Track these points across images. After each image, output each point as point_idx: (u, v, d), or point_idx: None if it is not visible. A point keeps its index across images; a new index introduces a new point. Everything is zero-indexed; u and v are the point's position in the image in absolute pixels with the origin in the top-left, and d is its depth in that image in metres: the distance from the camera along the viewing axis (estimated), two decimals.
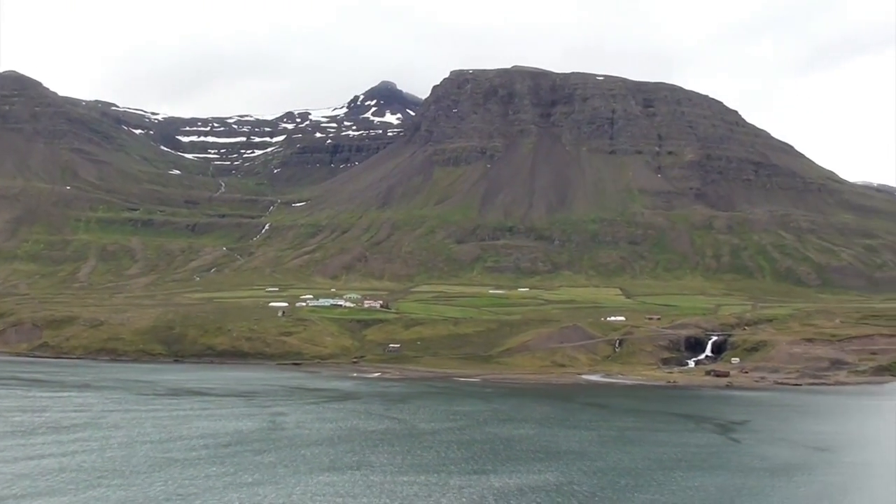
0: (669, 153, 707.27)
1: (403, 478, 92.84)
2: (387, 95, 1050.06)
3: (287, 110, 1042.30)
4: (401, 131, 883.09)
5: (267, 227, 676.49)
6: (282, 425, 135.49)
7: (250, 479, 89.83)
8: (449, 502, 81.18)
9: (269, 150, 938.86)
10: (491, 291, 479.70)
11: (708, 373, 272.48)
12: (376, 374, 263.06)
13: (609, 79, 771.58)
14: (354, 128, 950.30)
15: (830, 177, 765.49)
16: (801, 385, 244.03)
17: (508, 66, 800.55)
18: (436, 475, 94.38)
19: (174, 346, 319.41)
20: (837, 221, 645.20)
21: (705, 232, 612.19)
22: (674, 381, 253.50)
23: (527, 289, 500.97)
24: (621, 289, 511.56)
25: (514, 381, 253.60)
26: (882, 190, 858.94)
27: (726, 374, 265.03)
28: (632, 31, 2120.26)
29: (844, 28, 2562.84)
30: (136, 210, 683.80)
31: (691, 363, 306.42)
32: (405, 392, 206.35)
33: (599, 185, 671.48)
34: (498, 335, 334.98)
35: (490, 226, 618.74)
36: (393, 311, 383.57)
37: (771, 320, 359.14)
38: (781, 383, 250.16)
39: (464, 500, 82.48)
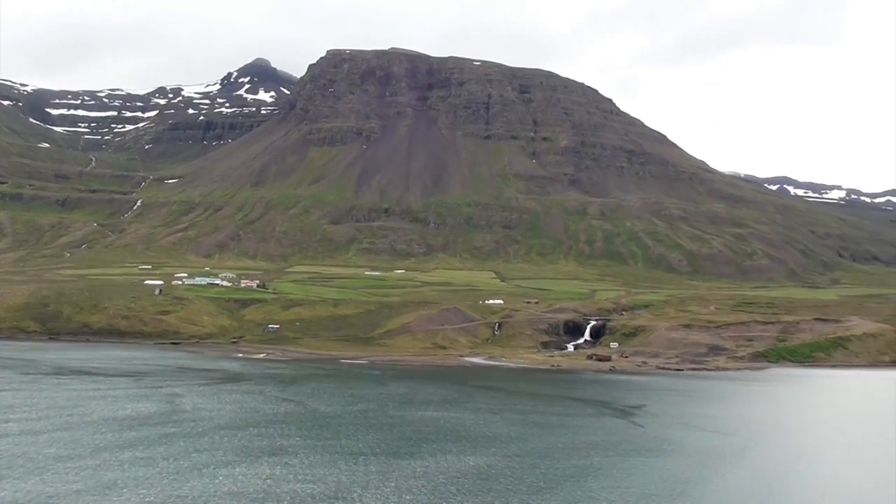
0: (544, 139, 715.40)
1: (325, 463, 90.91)
2: (261, 73, 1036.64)
3: (159, 85, 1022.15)
4: (275, 109, 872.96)
5: (139, 203, 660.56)
6: (182, 408, 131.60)
7: (171, 468, 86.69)
8: (378, 488, 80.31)
9: (141, 125, 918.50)
10: (367, 273, 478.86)
11: (590, 357, 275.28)
12: (262, 355, 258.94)
13: (486, 64, 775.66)
14: (228, 105, 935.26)
15: (701, 166, 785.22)
16: (683, 370, 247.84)
17: (386, 47, 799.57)
18: (356, 460, 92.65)
19: (49, 323, 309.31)
20: (708, 210, 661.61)
21: (579, 217, 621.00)
22: (557, 365, 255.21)
23: (402, 271, 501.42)
24: (496, 272, 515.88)
25: (401, 362, 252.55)
26: (749, 180, 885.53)
27: (608, 359, 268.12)
28: (509, 17, 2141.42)
29: (712, 21, 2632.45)
30: (4, 184, 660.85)
31: (570, 347, 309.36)
32: (296, 374, 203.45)
33: (475, 169, 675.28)
34: (378, 317, 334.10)
35: (366, 207, 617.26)
36: (270, 291, 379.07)
37: (647, 306, 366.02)
38: (664, 368, 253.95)
39: (392, 484, 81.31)
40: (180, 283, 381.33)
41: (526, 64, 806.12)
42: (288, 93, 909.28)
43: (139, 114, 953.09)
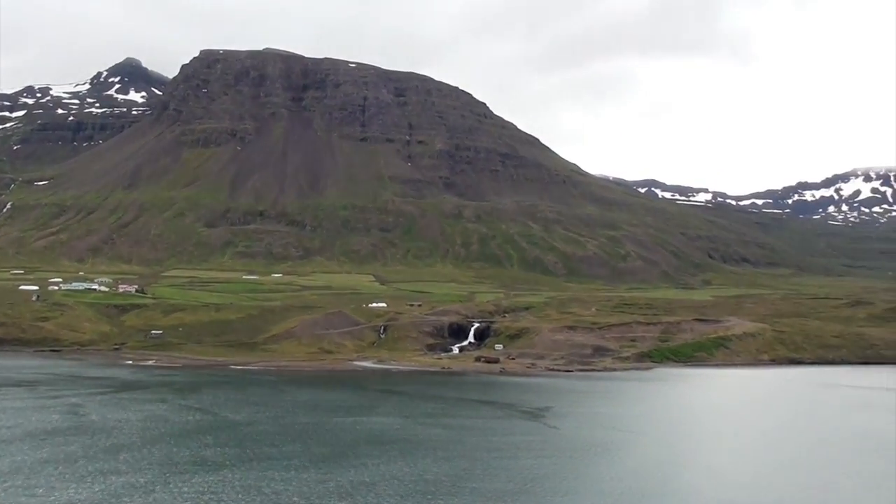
0: (420, 142, 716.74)
1: (259, 473, 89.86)
2: (132, 73, 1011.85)
3: (27, 84, 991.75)
4: (147, 110, 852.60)
5: (8, 206, 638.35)
6: (89, 419, 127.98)
7: (105, 487, 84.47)
8: (323, 497, 79.88)
9: (9, 125, 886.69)
10: (244, 277, 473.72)
11: (478, 359, 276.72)
12: (151, 362, 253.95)
13: (361, 66, 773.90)
14: (98, 105, 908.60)
15: (574, 170, 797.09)
16: (572, 371, 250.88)
17: (260, 47, 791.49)
18: (290, 469, 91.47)
19: None
20: (582, 213, 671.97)
21: (455, 220, 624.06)
22: (448, 368, 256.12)
23: (280, 274, 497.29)
24: (374, 275, 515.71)
25: (292, 368, 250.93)
26: (620, 184, 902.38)
27: (497, 361, 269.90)
28: (384, 19, 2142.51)
29: (585, 29, 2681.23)
30: None
31: (455, 349, 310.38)
32: (192, 381, 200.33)
33: (351, 172, 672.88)
34: (261, 321, 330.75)
35: (241, 210, 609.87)
36: (150, 296, 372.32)
37: (529, 308, 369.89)
38: (553, 369, 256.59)
39: (331, 492, 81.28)
40: (57, 288, 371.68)
41: (401, 67, 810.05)
42: (160, 93, 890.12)
43: (7, 113, 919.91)
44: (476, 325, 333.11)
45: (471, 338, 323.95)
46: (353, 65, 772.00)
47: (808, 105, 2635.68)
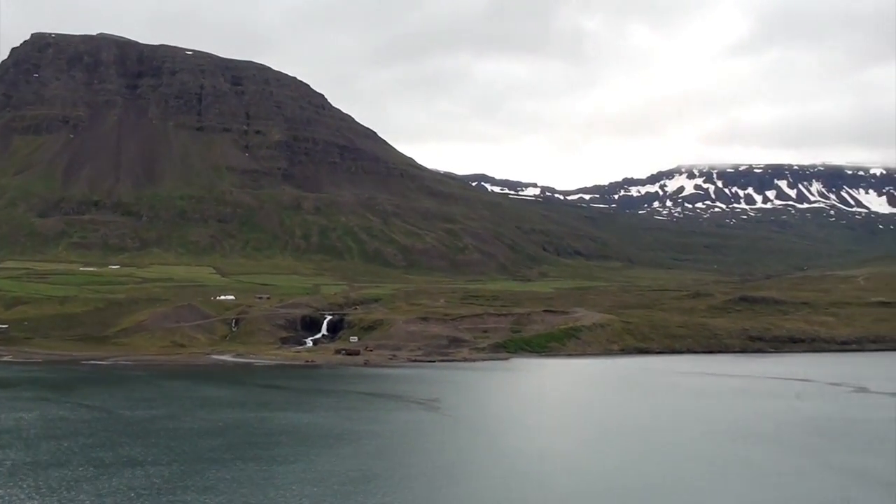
0: (257, 132, 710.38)
1: (186, 470, 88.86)
2: None
3: None
4: None
5: None
6: None
7: (33, 485, 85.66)
8: (267, 494, 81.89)
9: None
10: (82, 268, 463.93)
11: (338, 351, 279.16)
12: (8, 358, 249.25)
13: (198, 54, 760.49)
14: None
15: (411, 163, 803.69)
16: (434, 362, 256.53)
17: (94, 32, 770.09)
18: (218, 466, 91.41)
19: None
20: (420, 206, 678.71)
21: (294, 212, 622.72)
22: (312, 361, 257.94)
23: (118, 266, 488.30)
24: (214, 267, 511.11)
25: (154, 362, 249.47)
26: (452, 178, 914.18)
27: (358, 353, 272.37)
28: (221, 7, 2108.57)
29: (422, 25, 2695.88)
30: None
31: (309, 342, 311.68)
32: (61, 378, 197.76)
33: (187, 162, 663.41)
34: (109, 315, 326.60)
35: (75, 199, 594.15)
36: None
37: (378, 300, 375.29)
38: (416, 360, 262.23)
39: (278, 486, 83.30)
40: None
41: (238, 56, 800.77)
42: None
43: None
44: (329, 317, 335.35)
45: (324, 330, 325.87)
46: (190, 52, 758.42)
47: (634, 105, 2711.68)
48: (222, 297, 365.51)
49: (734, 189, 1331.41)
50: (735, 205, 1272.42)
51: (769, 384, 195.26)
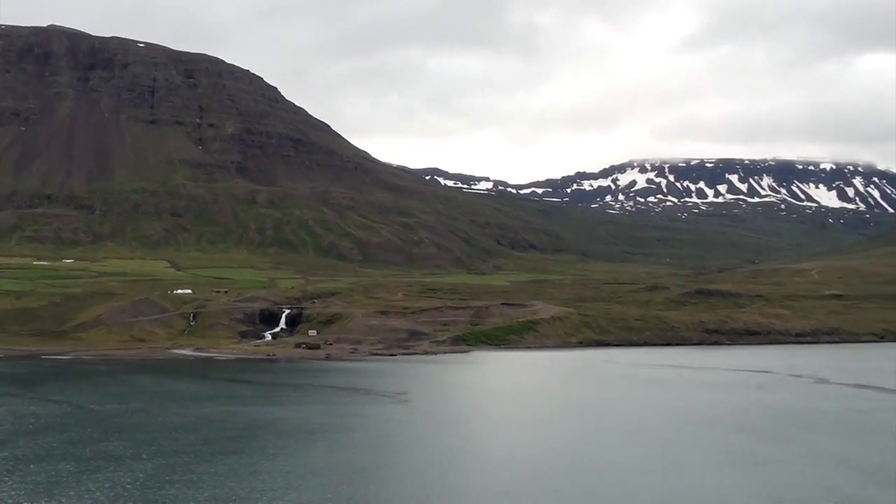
0: (210, 125, 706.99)
1: (170, 464, 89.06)
2: None
3: None
4: None
5: None
6: None
7: (29, 481, 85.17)
8: (258, 489, 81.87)
9: None
10: (35, 263, 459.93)
11: (298, 345, 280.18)
12: None
13: (150, 46, 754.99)
14: None
15: (365, 157, 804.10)
16: (396, 355, 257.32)
17: (44, 24, 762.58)
18: (203, 461, 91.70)
19: None
20: (375, 200, 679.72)
21: (248, 206, 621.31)
22: (273, 355, 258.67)
23: (72, 260, 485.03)
24: (169, 261, 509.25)
25: (111, 357, 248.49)
26: (405, 171, 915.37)
27: (318, 347, 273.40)
28: None
29: (376, 19, 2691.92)
30: None
31: (268, 336, 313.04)
32: (24, 372, 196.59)
33: (140, 155, 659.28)
34: (66, 309, 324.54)
35: (27, 193, 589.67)
36: None
37: (335, 293, 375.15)
38: (377, 354, 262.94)
39: (267, 482, 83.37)
40: None
41: (191, 49, 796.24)
42: None
43: None
44: (287, 311, 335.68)
45: (283, 324, 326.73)
46: (142, 45, 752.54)
47: (587, 99, 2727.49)
48: (180, 292, 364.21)
49: (686, 183, 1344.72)
50: (687, 199, 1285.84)
51: (730, 376, 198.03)
